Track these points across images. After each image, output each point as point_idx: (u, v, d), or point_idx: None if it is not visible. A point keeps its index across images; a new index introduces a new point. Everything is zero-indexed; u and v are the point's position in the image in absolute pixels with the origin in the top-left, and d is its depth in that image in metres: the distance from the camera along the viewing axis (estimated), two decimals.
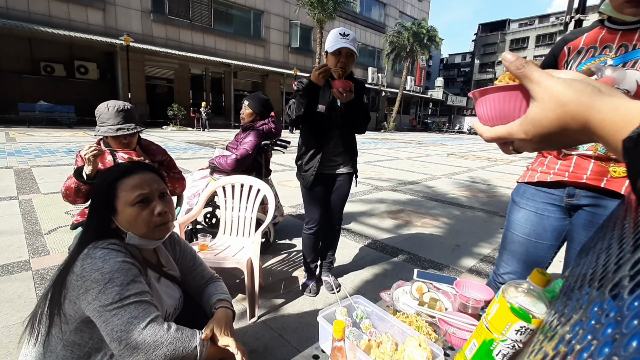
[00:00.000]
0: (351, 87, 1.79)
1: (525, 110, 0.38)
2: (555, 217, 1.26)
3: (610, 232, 0.35)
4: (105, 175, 0.99)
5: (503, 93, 0.40)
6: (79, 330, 0.89)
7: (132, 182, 0.96)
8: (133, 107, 1.83)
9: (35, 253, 2.57)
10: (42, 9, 14.36)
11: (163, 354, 0.82)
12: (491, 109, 0.41)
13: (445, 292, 1.15)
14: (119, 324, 0.82)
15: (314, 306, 2.10)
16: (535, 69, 0.36)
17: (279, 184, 5.16)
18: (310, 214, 2.16)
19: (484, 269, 2.75)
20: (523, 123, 0.38)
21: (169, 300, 1.07)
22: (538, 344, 0.35)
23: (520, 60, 0.37)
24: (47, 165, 5.95)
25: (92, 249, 0.89)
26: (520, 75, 0.37)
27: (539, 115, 0.36)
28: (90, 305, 0.83)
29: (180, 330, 0.89)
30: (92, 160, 1.58)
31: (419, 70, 34.18)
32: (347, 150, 2.07)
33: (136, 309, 0.85)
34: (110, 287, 0.84)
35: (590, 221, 1.19)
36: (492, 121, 0.42)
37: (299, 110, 1.85)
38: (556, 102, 0.34)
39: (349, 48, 1.82)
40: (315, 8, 20.34)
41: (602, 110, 0.31)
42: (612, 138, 0.30)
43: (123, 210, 0.95)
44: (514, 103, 0.39)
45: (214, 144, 11.28)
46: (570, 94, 0.33)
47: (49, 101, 14.37)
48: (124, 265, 0.88)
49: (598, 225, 1.26)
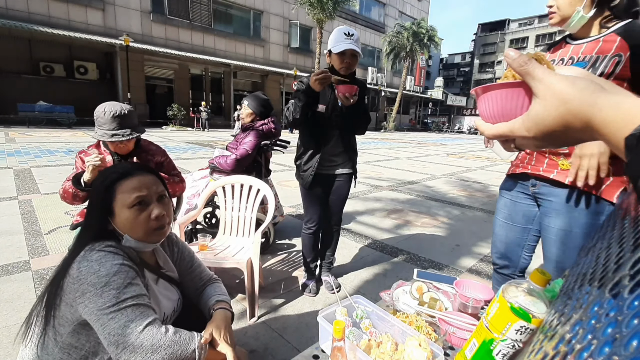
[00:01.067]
0: (356, 92, 1.77)
1: (528, 108, 0.38)
2: (525, 204, 1.44)
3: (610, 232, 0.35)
4: (104, 176, 0.98)
5: (505, 90, 0.39)
6: (76, 332, 0.89)
7: (131, 184, 0.95)
8: (132, 109, 1.80)
9: (34, 253, 2.57)
10: (41, 9, 14.34)
11: (161, 357, 0.82)
12: (493, 106, 0.41)
13: (445, 291, 1.15)
14: (116, 328, 0.81)
15: (314, 306, 2.10)
16: (538, 66, 0.36)
17: (278, 184, 5.16)
18: (310, 214, 2.16)
19: (483, 269, 2.75)
20: (525, 120, 0.37)
21: (167, 303, 1.06)
22: (538, 344, 0.35)
23: (523, 57, 0.37)
24: (46, 166, 5.94)
25: (89, 252, 0.88)
26: (522, 72, 0.36)
27: (541, 112, 0.35)
28: (87, 309, 0.83)
29: (179, 333, 0.88)
30: (93, 169, 1.59)
31: (418, 70, 34.19)
32: (347, 151, 2.06)
33: (133, 312, 0.84)
34: (107, 290, 0.83)
35: (547, 208, 1.35)
36: (494, 118, 0.41)
37: (296, 113, 1.83)
38: (559, 100, 0.34)
39: (354, 49, 1.81)
40: (315, 8, 20.33)
41: (604, 108, 0.31)
42: (614, 136, 0.30)
43: (120, 212, 0.94)
44: (516, 100, 0.39)
45: (214, 144, 11.28)
46: (573, 91, 0.33)
47: (49, 101, 14.36)
48: (121, 268, 0.87)
49: (554, 212, 1.31)
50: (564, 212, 1.29)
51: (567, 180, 1.25)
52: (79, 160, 1.80)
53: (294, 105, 1.85)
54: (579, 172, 1.17)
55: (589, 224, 1.25)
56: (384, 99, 32.80)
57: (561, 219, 1.30)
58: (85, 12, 15.38)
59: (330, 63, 1.92)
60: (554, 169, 1.29)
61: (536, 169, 1.35)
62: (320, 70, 1.74)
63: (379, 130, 28.22)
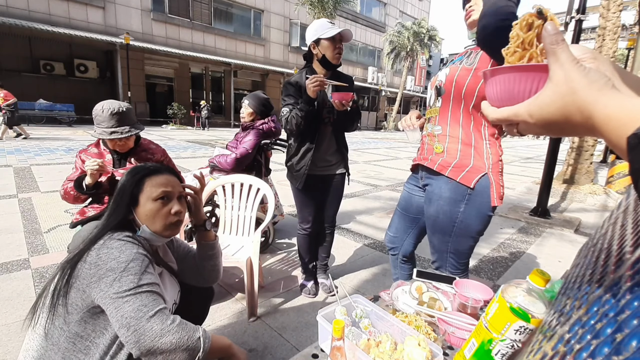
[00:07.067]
0: (352, 98, 1.72)
1: (535, 93, 0.37)
2: (419, 196, 1.55)
3: (610, 232, 0.35)
4: (136, 170, 1.08)
5: (514, 74, 0.39)
6: (83, 321, 0.91)
7: (159, 180, 1.06)
8: (130, 107, 1.80)
9: (34, 251, 2.57)
10: (41, 8, 14.31)
11: (169, 342, 0.85)
12: (501, 89, 0.40)
13: (445, 291, 1.15)
14: (130, 311, 0.85)
15: (313, 305, 2.10)
16: (568, 52, 0.34)
17: (278, 183, 5.14)
18: (303, 216, 2.12)
19: (483, 269, 2.75)
20: (530, 105, 0.37)
21: (170, 295, 1.10)
22: (537, 344, 0.35)
23: (559, 36, 0.34)
24: (46, 164, 5.94)
25: (109, 240, 0.94)
26: (550, 51, 0.35)
27: (548, 98, 0.35)
28: (102, 293, 0.87)
29: (184, 322, 0.92)
30: (92, 173, 1.59)
31: (419, 69, 34.14)
32: (340, 149, 2.02)
33: (147, 298, 0.88)
34: (125, 275, 0.88)
35: (425, 196, 1.45)
36: (500, 102, 0.41)
37: (300, 124, 1.77)
38: (569, 89, 0.33)
39: (346, 30, 1.76)
40: (315, 7, 20.31)
41: (609, 105, 0.30)
42: (614, 134, 0.29)
43: (145, 203, 1.03)
44: (525, 84, 0.38)
45: (214, 143, 11.27)
46: (583, 82, 0.32)
47: (49, 100, 14.33)
48: (139, 256, 0.93)
49: (428, 200, 1.41)
50: (434, 199, 1.39)
51: (435, 167, 1.35)
52: (78, 160, 1.80)
53: (296, 118, 1.76)
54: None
55: (449, 211, 1.35)
56: (384, 98, 32.77)
57: (432, 207, 1.40)
58: (85, 10, 15.34)
59: (319, 54, 1.83)
60: (429, 155, 1.41)
61: (420, 159, 1.46)
62: (314, 77, 1.67)
63: (379, 130, 28.21)
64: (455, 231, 1.36)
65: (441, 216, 1.37)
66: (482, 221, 1.34)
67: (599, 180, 6.72)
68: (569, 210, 4.84)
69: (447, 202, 1.34)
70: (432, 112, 1.44)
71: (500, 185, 1.33)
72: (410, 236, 1.65)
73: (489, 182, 1.29)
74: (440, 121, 1.38)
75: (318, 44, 1.82)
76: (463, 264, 1.46)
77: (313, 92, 1.70)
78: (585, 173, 6.05)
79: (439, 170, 1.35)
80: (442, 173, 1.34)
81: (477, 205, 1.31)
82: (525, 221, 4.15)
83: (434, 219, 1.40)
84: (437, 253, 1.47)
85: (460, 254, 1.42)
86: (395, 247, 1.70)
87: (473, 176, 1.29)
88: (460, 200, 1.31)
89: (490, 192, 1.30)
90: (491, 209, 1.32)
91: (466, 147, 1.32)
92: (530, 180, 7.18)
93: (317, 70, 1.89)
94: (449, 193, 1.33)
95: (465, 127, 1.32)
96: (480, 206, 1.31)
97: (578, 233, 3.82)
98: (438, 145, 1.38)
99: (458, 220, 1.34)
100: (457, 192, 1.32)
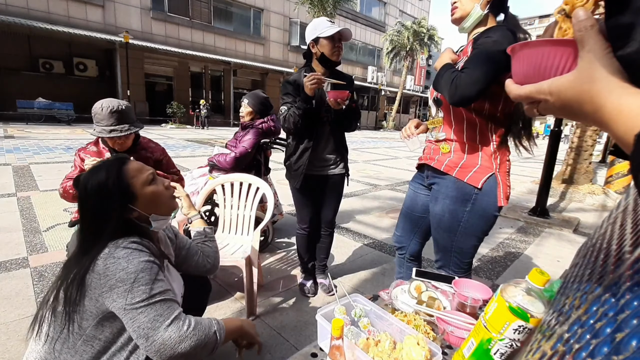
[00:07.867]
0: (348, 97, 1.72)
1: (562, 73, 0.36)
2: (424, 195, 1.56)
3: (609, 231, 0.35)
4: (106, 169, 0.96)
5: (542, 47, 0.38)
6: (100, 325, 0.91)
7: (135, 166, 1.00)
8: (129, 106, 1.79)
9: (33, 250, 2.57)
10: (41, 6, 14.27)
11: (189, 346, 0.86)
12: (527, 64, 0.39)
13: (444, 291, 1.15)
14: (146, 322, 0.85)
15: (312, 305, 2.10)
16: (596, 39, 0.33)
17: (278, 182, 5.14)
18: (302, 216, 2.11)
19: (482, 269, 2.75)
20: (552, 84, 0.36)
21: (177, 286, 1.11)
22: (536, 343, 0.35)
23: (588, 22, 0.33)
24: (45, 163, 5.93)
25: (114, 249, 0.90)
26: (579, 37, 0.34)
27: (568, 82, 0.34)
28: (115, 303, 0.86)
29: (199, 322, 0.92)
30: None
31: (418, 69, 34.12)
32: (339, 149, 1.99)
33: (161, 307, 0.88)
34: (136, 286, 0.86)
35: (432, 195, 1.46)
36: (526, 78, 0.40)
37: (298, 122, 1.76)
38: (589, 76, 0.33)
39: (346, 28, 1.76)
40: (315, 6, 20.29)
41: (623, 97, 0.30)
42: (622, 128, 0.29)
43: (142, 192, 0.98)
44: (552, 59, 0.37)
45: (213, 142, 11.26)
46: (604, 73, 0.32)
47: (48, 98, 14.29)
48: (147, 264, 0.91)
49: (434, 198, 1.43)
50: (440, 198, 1.39)
51: (442, 168, 1.36)
52: (77, 158, 1.80)
53: (294, 116, 1.76)
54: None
55: (455, 210, 1.35)
56: (384, 98, 32.75)
57: (438, 205, 1.40)
58: (84, 8, 15.30)
59: (318, 52, 1.83)
60: (436, 155, 1.42)
61: (426, 158, 1.47)
62: (311, 75, 1.67)
63: (379, 130, 28.20)
64: (460, 230, 1.37)
65: (447, 215, 1.37)
66: (488, 221, 1.34)
67: (598, 180, 6.73)
68: (567, 210, 4.85)
69: (454, 201, 1.34)
70: (435, 122, 1.44)
71: (507, 185, 1.33)
72: (417, 235, 1.65)
73: (496, 182, 1.30)
74: (444, 129, 1.40)
75: (317, 43, 1.81)
76: (467, 263, 1.46)
77: (310, 90, 1.70)
78: (584, 173, 6.06)
79: (446, 171, 1.35)
80: (449, 173, 1.34)
81: (484, 205, 1.31)
82: (524, 221, 4.15)
83: (440, 218, 1.40)
84: (441, 252, 1.47)
85: (464, 253, 1.43)
86: (403, 247, 1.69)
87: (480, 176, 1.30)
88: (467, 200, 1.32)
89: (497, 192, 1.30)
90: (497, 208, 1.32)
91: (473, 147, 1.32)
92: (530, 180, 7.19)
93: (317, 69, 1.89)
94: (455, 193, 1.34)
95: (471, 130, 1.32)
96: (486, 206, 1.31)
97: (577, 233, 3.83)
98: (445, 146, 1.38)
99: (464, 220, 1.34)
100: (464, 192, 1.32)
